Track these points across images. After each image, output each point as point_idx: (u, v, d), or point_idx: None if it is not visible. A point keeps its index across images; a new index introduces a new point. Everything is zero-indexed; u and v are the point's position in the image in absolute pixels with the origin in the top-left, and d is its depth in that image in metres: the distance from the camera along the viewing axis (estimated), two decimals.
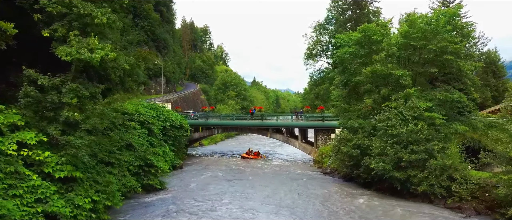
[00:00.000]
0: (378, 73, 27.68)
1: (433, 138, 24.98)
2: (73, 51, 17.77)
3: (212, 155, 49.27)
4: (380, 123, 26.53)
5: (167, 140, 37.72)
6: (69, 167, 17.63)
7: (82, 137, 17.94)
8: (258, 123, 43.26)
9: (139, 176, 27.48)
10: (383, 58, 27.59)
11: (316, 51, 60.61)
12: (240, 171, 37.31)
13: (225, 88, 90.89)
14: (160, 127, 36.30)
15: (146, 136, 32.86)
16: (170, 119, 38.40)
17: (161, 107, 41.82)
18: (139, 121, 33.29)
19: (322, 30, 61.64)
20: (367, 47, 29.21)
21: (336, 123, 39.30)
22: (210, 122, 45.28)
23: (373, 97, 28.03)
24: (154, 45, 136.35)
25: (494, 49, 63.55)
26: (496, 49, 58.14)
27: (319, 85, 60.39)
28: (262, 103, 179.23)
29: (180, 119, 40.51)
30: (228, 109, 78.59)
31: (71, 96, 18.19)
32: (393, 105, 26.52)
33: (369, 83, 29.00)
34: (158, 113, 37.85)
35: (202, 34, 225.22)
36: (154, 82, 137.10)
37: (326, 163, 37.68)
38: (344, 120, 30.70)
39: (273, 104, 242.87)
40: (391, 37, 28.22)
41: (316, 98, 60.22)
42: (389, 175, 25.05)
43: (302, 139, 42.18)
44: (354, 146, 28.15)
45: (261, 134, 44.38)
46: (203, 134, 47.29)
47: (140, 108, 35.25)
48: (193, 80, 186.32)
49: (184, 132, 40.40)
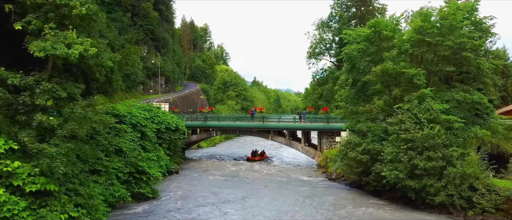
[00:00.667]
0: (389, 72, 25.44)
1: (451, 143, 22.74)
2: (47, 46, 15.55)
3: (210, 158, 47.03)
4: (392, 126, 24.30)
5: (162, 143, 35.47)
6: (42, 179, 15.41)
7: (58, 145, 15.70)
8: (258, 125, 41.02)
9: (130, 184, 25.27)
10: (394, 56, 25.33)
11: (319, 49, 58.33)
12: (240, 176, 35.08)
13: (225, 88, 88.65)
14: (154, 130, 34.05)
15: (139, 139, 30.61)
16: (165, 121, 36.15)
17: (156, 108, 39.57)
18: (131, 123, 31.04)
19: (326, 28, 59.35)
20: (377, 44, 26.95)
21: (342, 125, 37.08)
22: (208, 123, 43.03)
23: (383, 99, 25.76)
24: (153, 44, 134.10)
25: (503, 48, 61.44)
26: (505, 47, 55.97)
27: (322, 85, 58.11)
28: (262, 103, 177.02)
29: (176, 120, 38.26)
30: (227, 109, 76.33)
31: (46, 97, 15.98)
32: (406, 107, 24.29)
33: (379, 83, 26.76)
34: (153, 114, 35.60)
35: (202, 33, 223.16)
36: (153, 82, 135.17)
37: (331, 168, 35.44)
38: (352, 122, 28.44)
39: (274, 104, 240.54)
40: (404, 33, 25.93)
41: (319, 98, 57.91)
42: (402, 184, 22.81)
43: (305, 142, 39.92)
44: (363, 151, 25.91)
45: (261, 137, 42.15)
46: (201, 136, 45.07)
47: (132, 110, 33.00)
48: (193, 80, 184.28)
49: (180, 134, 38.15)
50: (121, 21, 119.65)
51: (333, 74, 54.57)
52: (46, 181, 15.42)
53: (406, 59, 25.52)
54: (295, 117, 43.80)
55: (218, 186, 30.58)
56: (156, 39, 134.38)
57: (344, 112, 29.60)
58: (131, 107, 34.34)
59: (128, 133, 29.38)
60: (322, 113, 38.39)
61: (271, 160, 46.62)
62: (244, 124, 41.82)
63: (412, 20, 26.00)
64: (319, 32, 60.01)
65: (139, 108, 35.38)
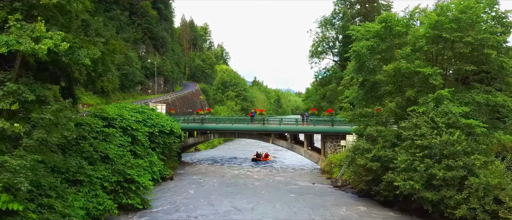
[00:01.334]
0: (402, 72, 23.15)
1: (472, 150, 20.43)
2: (11, 40, 13.27)
3: (208, 162, 44.75)
4: (405, 131, 21.99)
5: (156, 148, 33.20)
6: (4, 196, 13.12)
7: (23, 156, 13.41)
8: (259, 128, 38.70)
9: (117, 194, 23.02)
10: (408, 53, 23.03)
11: (322, 48, 55.98)
12: (239, 182, 32.82)
13: (224, 88, 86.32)
14: (147, 133, 31.78)
15: (129, 144, 28.33)
16: (158, 124, 33.86)
17: (149, 110, 37.30)
18: (121, 127, 28.76)
19: (329, 26, 57.00)
20: (388, 40, 24.64)
21: (347, 128, 34.82)
22: (205, 126, 40.71)
23: (396, 100, 23.45)
24: (152, 43, 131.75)
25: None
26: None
27: (325, 86, 55.77)
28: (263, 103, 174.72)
29: (171, 123, 35.96)
30: (227, 110, 74.02)
31: (11, 101, 13.70)
32: (421, 110, 21.99)
33: (390, 83, 24.45)
34: (145, 117, 33.33)
35: (202, 33, 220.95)
36: (151, 82, 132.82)
37: (336, 173, 33.15)
38: (360, 126, 26.13)
39: (274, 105, 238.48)
40: (418, 28, 23.61)
41: (322, 99, 55.57)
42: (418, 196, 20.52)
43: (308, 146, 37.62)
44: (373, 158, 23.60)
45: (262, 140, 39.82)
46: (198, 139, 42.75)
47: (123, 112, 30.73)
48: (192, 80, 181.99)
49: (175, 138, 35.84)
50: (119, 19, 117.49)
51: (337, 74, 52.31)
52: (9, 198, 13.14)
53: (421, 57, 23.21)
54: (297, 119, 41.50)
55: (215, 194, 28.30)
56: (154, 38, 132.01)
57: (351, 115, 27.28)
58: (122, 109, 32.09)
59: (117, 137, 27.10)
60: (327, 115, 36.04)
61: (274, 162, 44.38)
62: (244, 126, 39.50)
63: (428, 14, 23.66)
64: (322, 30, 57.71)
65: (131, 110, 33.13)
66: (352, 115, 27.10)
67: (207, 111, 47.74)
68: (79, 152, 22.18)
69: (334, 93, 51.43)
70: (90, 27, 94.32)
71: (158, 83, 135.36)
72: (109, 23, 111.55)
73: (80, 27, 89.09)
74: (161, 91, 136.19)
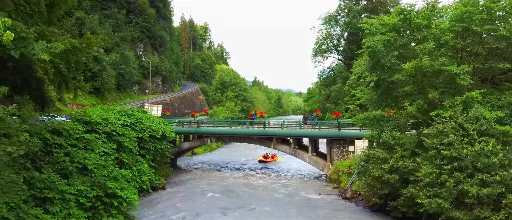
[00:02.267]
0: (424, 70, 20.13)
1: (510, 162, 17.43)
2: None
3: (205, 167, 41.73)
4: (429, 139, 18.98)
5: (146, 154, 30.18)
6: None
7: None
8: (259, 131, 35.66)
9: (96, 211, 20.01)
10: (431, 49, 20.00)
11: (326, 46, 52.91)
12: (239, 193, 29.80)
13: (223, 88, 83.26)
14: (135, 139, 28.76)
15: (114, 151, 25.31)
16: (149, 128, 30.82)
17: (140, 112, 34.32)
18: (105, 132, 25.74)
19: (333, 22, 53.92)
20: (407, 35, 21.61)
21: (356, 133, 31.85)
22: (201, 129, 37.64)
23: (416, 103, 20.40)
24: (150, 42, 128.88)
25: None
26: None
27: (330, 86, 52.67)
28: (263, 104, 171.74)
29: (163, 127, 32.92)
30: (226, 111, 70.98)
31: None
32: (447, 115, 18.98)
33: (409, 83, 21.39)
34: (134, 120, 30.30)
35: (202, 32, 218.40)
36: (149, 81, 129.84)
37: (344, 183, 30.14)
38: (374, 131, 23.08)
39: (274, 105, 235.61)
40: (442, 21, 20.57)
41: (327, 100, 52.50)
42: (446, 215, 17.51)
43: (312, 151, 34.58)
44: (390, 169, 20.57)
45: (263, 144, 36.77)
46: (194, 144, 39.67)
47: (109, 115, 27.70)
48: (192, 79, 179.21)
49: (167, 143, 32.81)
50: (116, 18, 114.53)
51: (342, 73, 49.22)
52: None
53: (447, 53, 20.15)
54: (300, 122, 38.51)
55: (211, 207, 25.29)
56: (153, 37, 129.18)
57: (363, 118, 24.21)
58: (108, 112, 29.10)
59: (99, 145, 24.10)
60: (334, 118, 33.00)
61: (278, 167, 41.42)
62: (243, 129, 36.46)
63: (455, 5, 20.62)
64: (326, 27, 54.64)
65: (118, 113, 30.13)
66: (365, 118, 24.03)
67: (204, 112, 44.71)
68: (52, 163, 19.22)
69: (339, 94, 48.37)
70: (85, 25, 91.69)
71: (156, 83, 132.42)
72: (105, 22, 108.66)
73: (74, 25, 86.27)
74: (159, 91, 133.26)
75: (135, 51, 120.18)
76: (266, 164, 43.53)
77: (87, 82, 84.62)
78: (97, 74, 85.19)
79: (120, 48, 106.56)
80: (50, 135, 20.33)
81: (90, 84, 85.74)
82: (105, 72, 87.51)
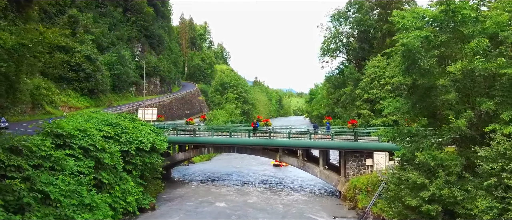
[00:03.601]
0: (475, 74, 15.92)
1: None
2: None
3: (203, 179, 37.53)
4: (486, 163, 14.78)
5: (132, 170, 25.97)
6: None
7: None
8: (263, 141, 31.40)
9: None
10: (484, 48, 15.78)
11: (335, 45, 48.59)
12: (240, 214, 25.60)
13: (223, 90, 78.97)
14: (119, 153, 24.53)
15: (92, 170, 21.11)
16: (136, 139, 26.57)
17: (128, 119, 30.17)
18: (81, 147, 21.54)
19: (342, 19, 49.62)
20: (450, 30, 17.37)
21: (376, 144, 27.73)
22: (198, 138, 33.37)
23: (465, 115, 16.16)
24: (148, 42, 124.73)
25: None
26: None
27: (339, 88, 48.37)
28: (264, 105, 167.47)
29: (153, 137, 28.70)
30: (226, 114, 66.70)
31: None
32: (508, 132, 14.78)
33: (453, 90, 17.13)
34: (119, 130, 26.05)
35: (202, 32, 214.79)
36: (147, 82, 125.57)
37: (362, 202, 25.95)
38: (408, 148, 18.83)
39: (275, 106, 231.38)
40: (499, 13, 16.32)
41: (336, 104, 48.23)
42: None
43: (324, 164, 30.38)
44: (431, 198, 16.37)
45: (267, 156, 32.58)
46: (190, 154, 35.38)
47: (88, 125, 23.47)
48: (191, 80, 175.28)
49: (158, 156, 28.59)
50: (112, 16, 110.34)
51: (353, 75, 44.97)
52: None
53: (507, 53, 15.91)
54: (309, 130, 34.34)
55: None
56: (150, 36, 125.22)
57: (392, 132, 19.98)
58: (87, 121, 24.90)
59: (72, 163, 19.90)
60: (349, 127, 28.72)
61: (287, 175, 37.39)
62: (244, 139, 32.17)
63: None
64: (334, 24, 50.32)
65: (100, 122, 25.91)
66: (394, 131, 19.80)
67: (201, 118, 40.49)
68: (2, 194, 15.03)
69: (350, 97, 44.16)
70: (78, 24, 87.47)
71: (154, 84, 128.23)
72: (101, 20, 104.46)
73: (67, 23, 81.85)
74: (157, 92, 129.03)
75: (132, 51, 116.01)
76: (279, 168, 42.68)
77: (80, 83, 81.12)
78: (90, 75, 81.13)
79: (116, 48, 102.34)
80: (5, 154, 16.17)
81: (84, 85, 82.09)
82: (99, 73, 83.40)
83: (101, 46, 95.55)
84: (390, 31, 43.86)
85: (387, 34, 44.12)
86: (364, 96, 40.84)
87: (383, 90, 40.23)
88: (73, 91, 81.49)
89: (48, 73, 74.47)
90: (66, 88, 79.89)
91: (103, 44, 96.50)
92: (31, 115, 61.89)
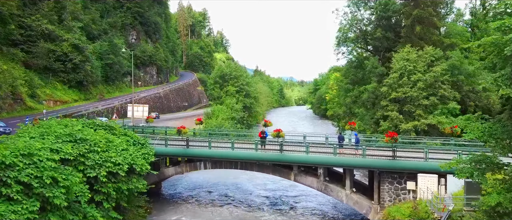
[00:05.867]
0: None
1: None
2: None
3: (198, 195, 31.22)
4: None
5: (104, 201, 19.51)
6: None
7: None
8: (273, 157, 24.86)
9: None
10: None
11: (353, 34, 41.59)
12: None
13: (223, 82, 72.22)
14: (85, 181, 18.05)
15: (33, 216, 14.64)
16: (108, 160, 19.99)
17: (102, 127, 23.71)
18: (19, 181, 15.02)
19: (361, 3, 42.60)
20: None
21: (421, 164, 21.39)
22: (192, 151, 26.82)
23: None
24: (143, 29, 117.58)
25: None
26: None
27: (358, 84, 41.50)
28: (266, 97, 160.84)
29: (133, 153, 22.19)
30: (226, 111, 60.12)
31: None
32: None
33: None
34: (84, 149, 19.48)
35: (201, 18, 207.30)
36: (142, 72, 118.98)
37: None
38: None
39: (277, 96, 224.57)
40: None
41: (355, 103, 41.48)
42: None
43: (351, 186, 23.94)
44: None
45: (278, 174, 26.11)
46: (181, 169, 28.76)
47: (37, 146, 16.85)
48: (190, 69, 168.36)
49: (139, 179, 22.02)
50: (104, 1, 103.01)
51: (377, 69, 38.23)
52: None
53: None
54: (327, 137, 27.87)
55: None
56: (146, 23, 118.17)
57: (472, 162, 13.44)
58: (41, 138, 18.39)
59: (1, 211, 13.45)
60: (387, 141, 22.11)
61: (300, 192, 31.14)
62: (250, 153, 25.56)
63: None
64: (351, 10, 43.38)
65: (57, 138, 19.37)
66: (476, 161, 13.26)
67: (197, 121, 33.93)
68: None
69: (373, 96, 37.49)
70: (66, 10, 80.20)
71: (150, 74, 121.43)
72: (92, 6, 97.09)
73: (53, 9, 74.44)
74: (153, 82, 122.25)
75: (126, 39, 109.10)
76: None
77: (68, 75, 74.21)
78: (79, 65, 74.34)
79: (108, 36, 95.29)
80: None
81: (71, 77, 75.29)
82: (89, 63, 76.55)
83: (91, 34, 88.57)
84: (421, 18, 37.23)
85: (416, 21, 37.35)
86: (391, 95, 34.26)
87: (414, 88, 33.59)
88: (59, 84, 74.76)
89: (32, 63, 68.14)
90: (52, 80, 73.33)
91: (93, 32, 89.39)
92: (9, 111, 55.36)
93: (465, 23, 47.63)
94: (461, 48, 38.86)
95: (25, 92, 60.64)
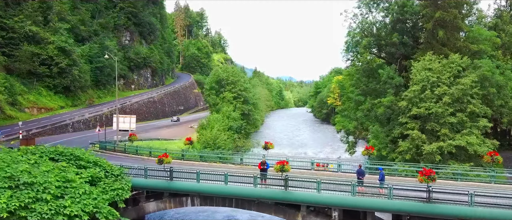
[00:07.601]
0: None
1: None
2: None
3: None
4: None
5: None
6: None
7: None
8: (276, 195, 20.10)
9: None
10: None
11: (365, 40, 36.61)
12: None
13: (219, 88, 67.40)
14: None
15: None
16: (59, 213, 15.12)
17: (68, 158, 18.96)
18: None
19: (373, 4, 37.74)
20: None
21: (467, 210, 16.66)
22: (176, 184, 22.01)
23: None
24: (137, 30, 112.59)
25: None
26: None
27: (371, 95, 36.45)
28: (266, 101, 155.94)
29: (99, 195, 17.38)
30: (224, 121, 55.29)
31: None
32: None
33: None
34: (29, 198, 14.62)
35: (198, 18, 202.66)
36: (136, 75, 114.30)
37: None
38: None
39: (276, 97, 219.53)
40: None
41: (367, 117, 36.64)
42: None
43: None
44: None
45: (282, 216, 21.29)
46: (164, 205, 23.70)
47: None
48: (187, 70, 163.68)
49: None
50: (95, 1, 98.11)
51: (393, 80, 33.36)
52: None
53: None
54: (340, 165, 23.08)
55: None
56: (140, 24, 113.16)
57: None
58: None
59: None
60: (421, 180, 17.20)
61: None
62: (247, 190, 20.75)
63: None
64: (362, 12, 38.56)
65: None
66: None
67: (186, 141, 29.12)
68: None
69: (390, 111, 32.64)
70: (52, 10, 75.07)
71: (145, 76, 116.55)
72: (81, 6, 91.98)
73: (38, 10, 69.16)
74: (148, 85, 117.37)
75: (119, 40, 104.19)
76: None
77: (53, 80, 69.17)
78: (65, 69, 69.35)
79: (99, 38, 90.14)
80: None
81: (57, 82, 70.27)
82: (76, 67, 71.55)
83: (80, 36, 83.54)
84: (444, 21, 32.44)
85: (438, 24, 32.55)
86: (412, 110, 29.47)
87: (439, 103, 28.79)
88: (45, 89, 69.69)
89: (14, 68, 63.22)
90: (36, 86, 68.40)
91: (82, 34, 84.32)
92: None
93: (485, 25, 42.89)
94: (490, 55, 34.27)
95: (4, 99, 55.79)
